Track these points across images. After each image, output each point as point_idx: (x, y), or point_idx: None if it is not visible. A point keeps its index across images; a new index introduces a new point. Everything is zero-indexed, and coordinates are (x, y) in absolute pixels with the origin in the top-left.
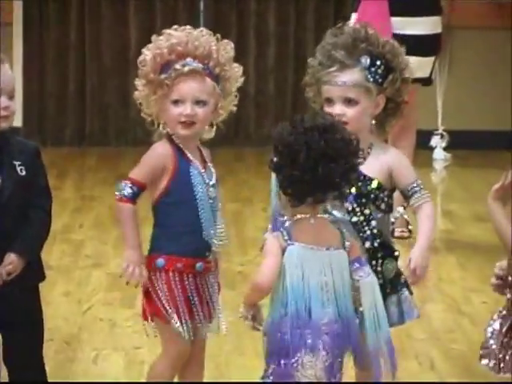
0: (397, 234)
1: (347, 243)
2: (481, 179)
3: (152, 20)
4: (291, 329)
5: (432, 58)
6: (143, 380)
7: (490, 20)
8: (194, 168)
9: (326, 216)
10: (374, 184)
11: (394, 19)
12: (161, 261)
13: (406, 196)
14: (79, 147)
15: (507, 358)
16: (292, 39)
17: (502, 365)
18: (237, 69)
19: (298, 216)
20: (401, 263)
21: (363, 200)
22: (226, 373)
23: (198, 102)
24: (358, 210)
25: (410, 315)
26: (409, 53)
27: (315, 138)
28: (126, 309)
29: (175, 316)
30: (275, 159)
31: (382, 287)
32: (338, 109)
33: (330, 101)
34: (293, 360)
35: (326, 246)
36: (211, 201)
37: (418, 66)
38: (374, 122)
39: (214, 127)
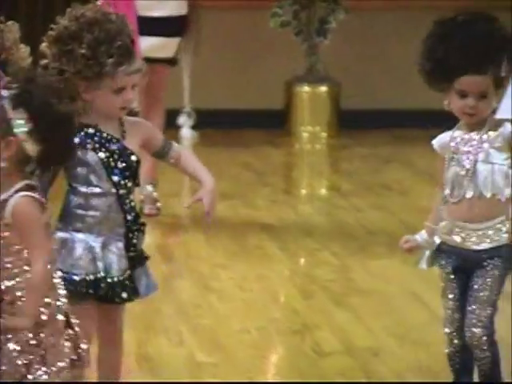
0: (146, 211)
1: None
2: (226, 157)
3: None
4: None
5: (177, 39)
6: None
7: (235, 0)
8: None
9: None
10: (134, 158)
11: (140, 2)
12: None
13: (163, 154)
14: None
15: None
16: (40, 18)
17: None
18: (23, 49)
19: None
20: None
21: (127, 173)
22: None
23: None
24: (122, 183)
25: (153, 288)
26: (155, 34)
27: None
28: None
29: None
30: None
31: (133, 260)
32: (130, 94)
33: (118, 91)
34: None
35: None
36: None
37: (163, 46)
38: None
39: None
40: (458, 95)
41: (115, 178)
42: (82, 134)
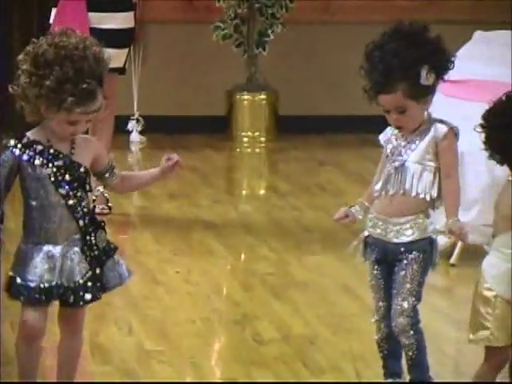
0: (98, 210)
1: None
2: None
3: None
4: None
5: (126, 50)
6: None
7: (180, 14)
8: None
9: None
10: (82, 169)
11: (92, 14)
12: None
13: (104, 176)
14: None
15: None
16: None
17: None
18: None
19: None
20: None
21: (75, 184)
22: None
23: None
24: (71, 194)
25: (127, 275)
26: (106, 45)
27: None
28: None
29: None
30: None
31: (99, 257)
32: (82, 127)
33: (72, 123)
34: None
35: None
36: None
37: (114, 57)
38: None
39: None
40: (384, 110)
41: (63, 191)
42: (31, 150)
